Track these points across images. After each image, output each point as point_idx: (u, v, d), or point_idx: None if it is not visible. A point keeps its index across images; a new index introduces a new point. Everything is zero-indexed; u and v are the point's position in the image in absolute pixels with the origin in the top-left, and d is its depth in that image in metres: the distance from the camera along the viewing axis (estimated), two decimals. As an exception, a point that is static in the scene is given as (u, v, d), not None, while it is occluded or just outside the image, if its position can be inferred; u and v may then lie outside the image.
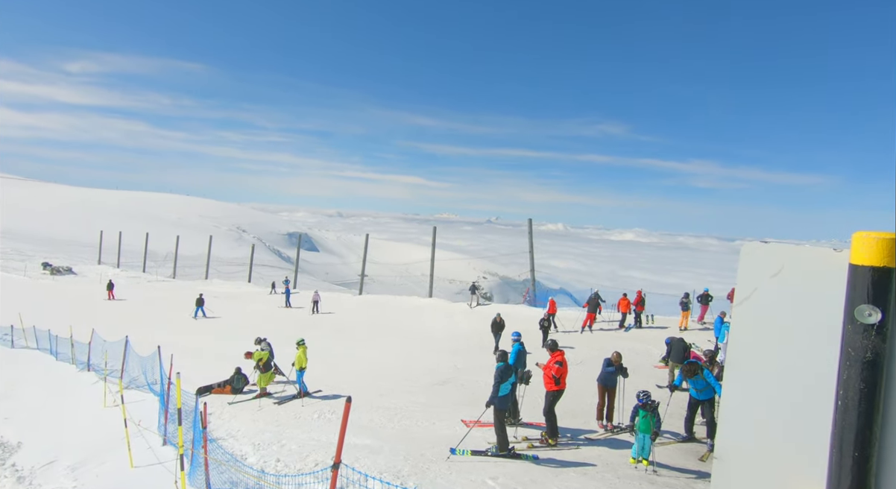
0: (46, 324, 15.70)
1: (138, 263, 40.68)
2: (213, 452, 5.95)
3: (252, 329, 17.01)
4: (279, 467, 6.41)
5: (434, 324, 18.73)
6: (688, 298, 15.69)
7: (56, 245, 52.58)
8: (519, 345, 8.68)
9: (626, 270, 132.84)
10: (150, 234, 42.03)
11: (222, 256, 48.48)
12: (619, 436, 7.61)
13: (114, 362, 10.79)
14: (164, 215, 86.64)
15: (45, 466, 7.58)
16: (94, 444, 8.01)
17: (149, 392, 9.95)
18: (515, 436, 7.55)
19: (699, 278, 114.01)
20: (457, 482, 5.73)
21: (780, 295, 1.03)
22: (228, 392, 10.40)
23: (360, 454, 6.53)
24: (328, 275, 51.03)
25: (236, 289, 30.99)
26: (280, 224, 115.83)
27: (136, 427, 7.48)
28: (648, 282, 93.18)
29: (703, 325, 15.77)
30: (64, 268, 35.96)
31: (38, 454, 8.14)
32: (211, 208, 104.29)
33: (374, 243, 35.06)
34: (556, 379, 7.31)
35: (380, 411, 8.96)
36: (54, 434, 8.94)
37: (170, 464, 6.48)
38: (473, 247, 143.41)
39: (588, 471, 6.26)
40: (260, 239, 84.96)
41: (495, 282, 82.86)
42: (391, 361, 13.63)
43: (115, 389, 9.82)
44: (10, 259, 38.28)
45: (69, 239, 57.88)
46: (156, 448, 7.31)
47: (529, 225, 22.80)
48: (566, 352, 8.07)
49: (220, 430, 7.91)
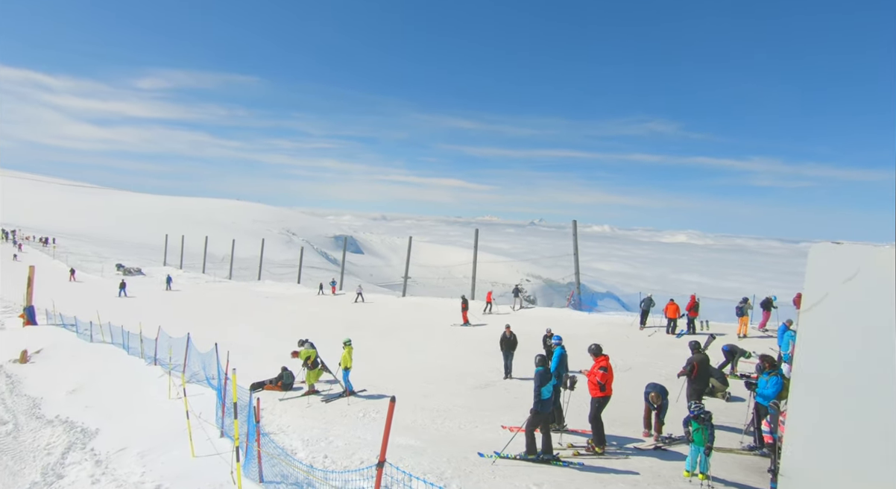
0: (119, 320, 17.08)
1: (199, 264, 43.42)
2: (266, 446, 6.23)
3: (300, 329, 17.67)
4: (326, 463, 6.61)
5: (475, 327, 18.68)
6: (746, 303, 14.71)
7: (128, 248, 57.19)
8: (561, 348, 8.47)
9: (678, 273, 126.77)
10: (208, 238, 44.77)
11: (273, 258, 50.80)
12: (671, 448, 7.24)
13: (177, 357, 11.55)
14: (221, 220, 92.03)
15: (119, 452, 8.22)
16: (161, 434, 8.60)
17: (207, 386, 10.57)
18: (560, 443, 7.37)
19: (759, 283, 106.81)
20: (500, 487, 5.67)
21: (855, 300, 0.95)
22: (279, 388, 10.87)
23: (404, 454, 6.61)
24: (372, 276, 52.23)
25: (286, 291, 32.32)
26: (327, 227, 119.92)
27: (197, 419, 7.96)
28: (702, 286, 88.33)
29: (765, 333, 14.73)
30: (134, 269, 39.06)
31: (113, 440, 8.85)
32: (263, 213, 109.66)
33: (417, 246, 35.48)
34: (601, 385, 7.08)
35: (423, 412, 9.04)
36: (126, 422, 9.69)
37: (226, 455, 6.85)
38: (516, 250, 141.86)
39: (637, 483, 6.00)
40: (308, 242, 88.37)
41: (538, 285, 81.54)
42: (434, 363, 13.72)
43: (178, 383, 10.53)
44: (90, 261, 42.00)
45: (139, 242, 62.76)
46: (214, 439, 7.74)
47: (574, 227, 22.27)
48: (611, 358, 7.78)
49: (272, 425, 8.27)
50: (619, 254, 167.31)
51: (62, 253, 43.71)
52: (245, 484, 5.69)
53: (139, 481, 6.81)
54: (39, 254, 41.03)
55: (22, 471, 8.81)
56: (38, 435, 10.22)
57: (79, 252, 45.65)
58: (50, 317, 21.20)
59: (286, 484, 5.90)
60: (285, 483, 5.92)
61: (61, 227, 62.65)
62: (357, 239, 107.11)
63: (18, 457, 9.48)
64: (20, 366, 15.29)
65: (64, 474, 7.88)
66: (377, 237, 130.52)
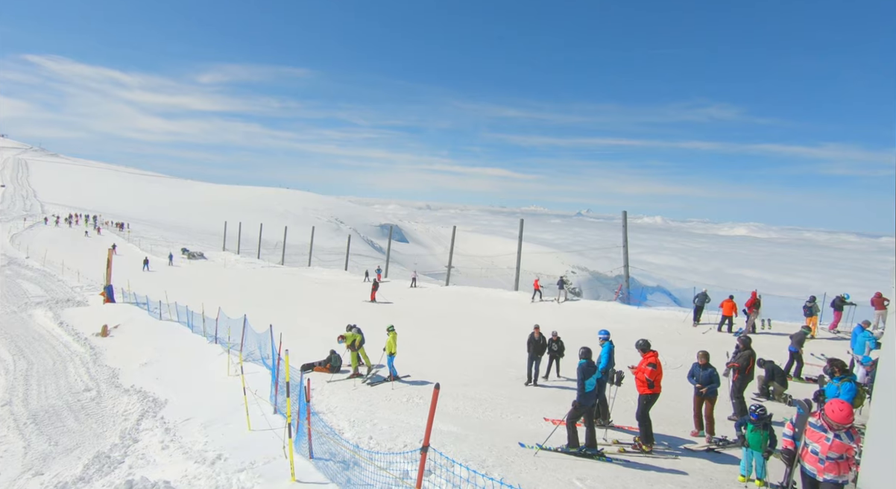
0: (184, 299, 18.42)
1: (254, 250, 45.87)
2: (315, 424, 6.55)
3: (347, 314, 18.29)
4: (371, 444, 6.85)
5: (519, 318, 18.54)
6: (814, 302, 13.62)
7: (192, 234, 61.34)
8: (609, 343, 8.24)
9: (737, 268, 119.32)
10: (262, 225, 47.12)
11: (322, 245, 52.68)
12: (725, 451, 6.90)
13: (235, 337, 12.33)
14: (274, 208, 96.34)
15: (185, 421, 8.94)
16: (221, 407, 9.26)
17: (262, 365, 11.22)
18: (605, 439, 7.23)
19: (830, 280, 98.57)
20: (542, 479, 5.65)
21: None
22: (328, 370, 11.35)
23: (446, 440, 6.73)
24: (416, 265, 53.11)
25: (335, 277, 33.50)
26: (373, 216, 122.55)
27: (253, 395, 8.48)
28: (764, 282, 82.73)
29: (837, 334, 13.61)
30: (198, 253, 41.89)
31: (180, 411, 9.63)
32: (313, 201, 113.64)
33: (461, 235, 35.55)
34: (649, 382, 6.84)
35: (465, 400, 9.14)
36: (191, 395, 10.50)
37: (279, 430, 7.26)
38: (562, 241, 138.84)
39: (687, 484, 5.78)
40: (355, 230, 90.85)
41: (584, 278, 79.59)
42: (477, 352, 13.79)
43: (235, 361, 11.25)
44: (158, 244, 45.45)
45: (201, 229, 67.06)
46: (268, 415, 8.23)
47: (624, 217, 21.46)
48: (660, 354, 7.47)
49: (321, 405, 8.66)
50: (671, 247, 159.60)
51: (135, 237, 47.55)
52: (296, 459, 6.01)
53: (202, 449, 7.38)
54: (116, 238, 44.83)
55: (104, 433, 9.80)
56: (117, 402, 11.30)
57: (149, 237, 49.48)
58: (126, 295, 23.20)
59: (334, 461, 6.18)
60: (333, 460, 6.21)
61: (133, 213, 68.08)
62: (402, 228, 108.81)
63: (101, 420, 10.54)
64: (101, 339, 16.92)
65: (139, 438, 8.68)
66: (422, 226, 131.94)
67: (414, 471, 4.93)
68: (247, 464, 6.45)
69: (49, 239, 40.41)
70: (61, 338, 17.58)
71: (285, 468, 5.97)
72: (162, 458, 7.56)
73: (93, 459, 8.06)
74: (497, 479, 5.11)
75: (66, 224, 50.78)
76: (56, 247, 36.00)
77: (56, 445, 9.70)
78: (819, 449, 4.03)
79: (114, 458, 7.97)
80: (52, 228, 47.60)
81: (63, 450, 9.43)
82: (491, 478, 5.19)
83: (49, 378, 13.73)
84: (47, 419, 11.02)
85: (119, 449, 8.35)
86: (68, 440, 9.84)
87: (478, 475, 4.92)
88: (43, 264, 31.22)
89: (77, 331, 18.07)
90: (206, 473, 6.45)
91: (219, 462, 6.74)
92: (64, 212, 55.80)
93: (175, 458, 7.38)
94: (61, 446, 9.62)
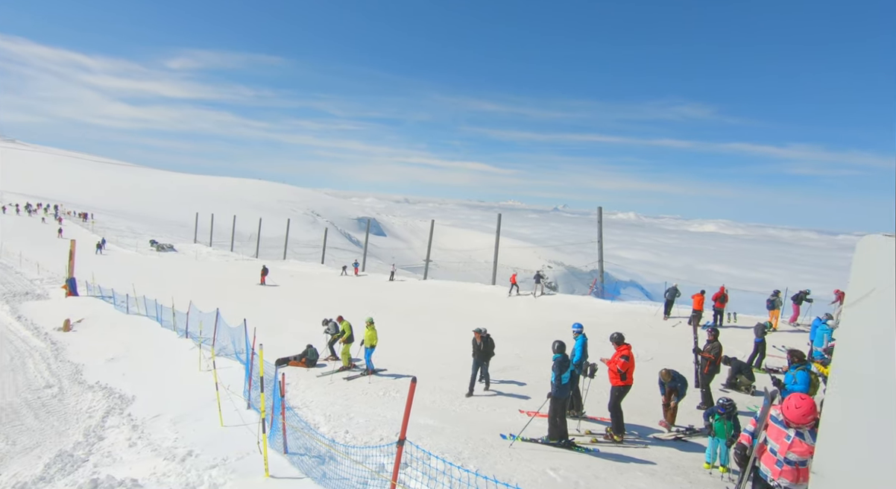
0: (153, 293, 17.83)
1: (227, 243, 44.70)
2: (290, 419, 6.47)
3: (324, 309, 18.07)
4: (348, 438, 6.83)
5: (496, 312, 18.72)
6: (777, 296, 14.23)
7: (160, 224, 59.26)
8: (583, 336, 8.43)
9: (706, 264, 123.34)
10: (236, 217, 45.91)
11: (298, 238, 51.71)
12: (692, 439, 7.17)
13: (207, 331, 12.03)
14: (248, 199, 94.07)
15: (153, 418, 8.69)
16: (192, 403, 9.03)
17: (235, 360, 10.99)
18: (578, 430, 7.39)
19: (793, 275, 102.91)
20: (517, 469, 5.75)
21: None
22: (304, 365, 11.21)
23: (423, 433, 6.76)
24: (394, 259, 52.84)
25: (311, 270, 32.99)
26: (350, 209, 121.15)
27: (226, 390, 8.31)
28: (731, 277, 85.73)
29: (796, 327, 14.27)
30: (167, 245, 40.54)
31: (148, 407, 9.35)
32: (288, 193, 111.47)
33: (439, 229, 35.53)
34: (622, 373, 7.03)
35: (442, 393, 9.19)
36: (160, 391, 10.21)
37: (253, 425, 7.14)
38: (538, 236, 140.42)
39: (655, 472, 5.98)
40: (332, 223, 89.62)
41: (560, 272, 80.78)
42: (454, 345, 13.85)
43: (207, 355, 10.98)
44: (125, 236, 43.77)
45: (171, 219, 64.89)
46: (241, 410, 8.08)
47: (599, 213, 21.86)
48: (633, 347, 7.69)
49: (296, 400, 8.56)
50: (643, 243, 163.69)
51: (100, 228, 45.65)
52: (270, 454, 5.94)
53: (172, 446, 7.19)
54: (79, 229, 42.94)
55: (67, 431, 9.42)
56: (81, 399, 10.88)
57: (115, 227, 47.60)
58: (90, 288, 22.30)
59: (309, 456, 6.13)
60: (308, 455, 6.15)
61: (98, 203, 65.33)
62: (380, 221, 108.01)
63: (63, 418, 10.13)
64: (63, 334, 16.23)
65: (104, 436, 8.39)
66: (399, 220, 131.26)
67: (390, 464, 4.94)
68: (219, 460, 6.33)
69: (6, 229, 38.39)
70: (19, 332, 16.78)
71: (259, 463, 5.88)
72: (129, 456, 7.33)
73: (55, 458, 7.75)
74: (472, 471, 5.16)
75: (27, 213, 48.35)
76: (14, 238, 34.25)
77: (14, 445, 9.28)
78: (777, 448, 3.56)
79: (77, 457, 7.68)
80: (11, 217, 45.25)
81: (22, 449, 9.02)
82: (466, 469, 5.24)
83: (6, 374, 13.10)
84: (4, 417, 10.53)
85: (83, 447, 8.06)
86: (27, 439, 9.42)
87: (453, 467, 4.97)
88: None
89: (37, 325, 17.28)
90: (175, 470, 6.29)
91: (189, 458, 6.58)
92: (22, 200, 53.08)
93: (143, 456, 7.18)
94: (20, 445, 9.20)
